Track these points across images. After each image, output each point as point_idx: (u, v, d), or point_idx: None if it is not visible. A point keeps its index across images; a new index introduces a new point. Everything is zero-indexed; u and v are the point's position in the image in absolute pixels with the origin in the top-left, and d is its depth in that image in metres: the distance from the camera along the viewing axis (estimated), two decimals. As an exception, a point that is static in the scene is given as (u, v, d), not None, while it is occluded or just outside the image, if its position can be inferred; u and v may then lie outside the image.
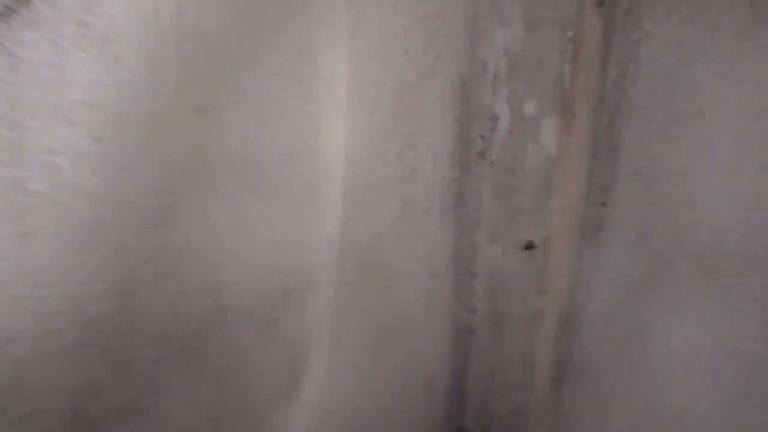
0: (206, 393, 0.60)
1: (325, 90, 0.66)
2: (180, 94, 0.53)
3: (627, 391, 1.04)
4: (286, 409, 0.70)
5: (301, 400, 0.73)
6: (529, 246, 0.94)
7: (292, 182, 0.65)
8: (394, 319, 0.89)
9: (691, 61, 0.84)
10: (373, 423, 0.90)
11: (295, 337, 0.68)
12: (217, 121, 0.57)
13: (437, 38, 0.83)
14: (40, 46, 0.45)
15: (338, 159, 0.71)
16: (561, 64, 0.83)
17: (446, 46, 0.85)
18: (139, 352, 0.52)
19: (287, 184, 0.64)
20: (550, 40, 0.83)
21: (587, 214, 0.97)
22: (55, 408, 0.49)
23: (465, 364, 1.07)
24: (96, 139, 0.49)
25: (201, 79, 0.55)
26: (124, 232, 0.51)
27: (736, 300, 0.90)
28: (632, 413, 1.04)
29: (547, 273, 0.96)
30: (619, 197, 0.95)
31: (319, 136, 0.67)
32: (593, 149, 0.94)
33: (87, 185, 0.49)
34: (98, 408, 0.52)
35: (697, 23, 0.83)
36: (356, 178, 0.74)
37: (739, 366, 0.92)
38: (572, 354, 1.06)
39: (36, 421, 0.49)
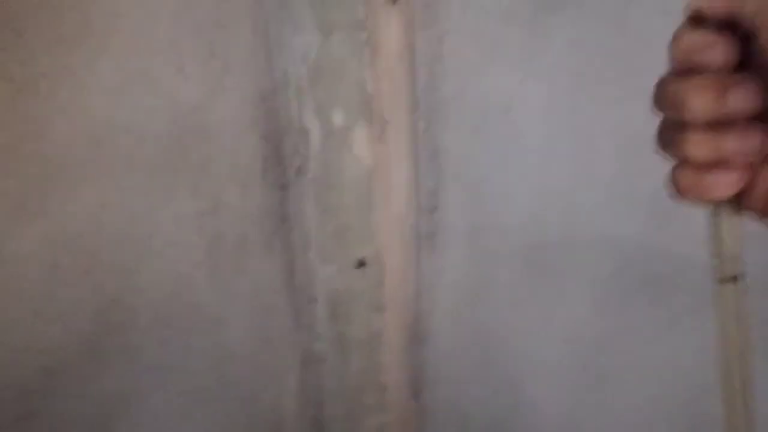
0: None
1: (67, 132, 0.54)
2: None
3: (483, 391, 1.02)
4: None
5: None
6: (361, 263, 0.88)
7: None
8: (220, 368, 0.79)
9: (493, 55, 0.82)
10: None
11: (70, 421, 0.56)
12: None
13: (221, 49, 0.73)
14: None
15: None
16: (360, 70, 0.77)
17: (235, 57, 0.76)
18: None
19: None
20: (345, 44, 0.77)
21: (419, 220, 0.93)
22: None
23: (318, 394, 1.00)
24: None
25: None
26: None
27: (567, 290, 0.91)
28: (490, 411, 1.03)
29: (384, 288, 0.91)
30: (448, 199, 0.92)
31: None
32: (414, 154, 0.90)
33: None
34: None
35: (493, 15, 0.80)
36: (137, 222, 0.63)
37: (577, 353, 0.94)
38: (425, 364, 1.02)
39: None
